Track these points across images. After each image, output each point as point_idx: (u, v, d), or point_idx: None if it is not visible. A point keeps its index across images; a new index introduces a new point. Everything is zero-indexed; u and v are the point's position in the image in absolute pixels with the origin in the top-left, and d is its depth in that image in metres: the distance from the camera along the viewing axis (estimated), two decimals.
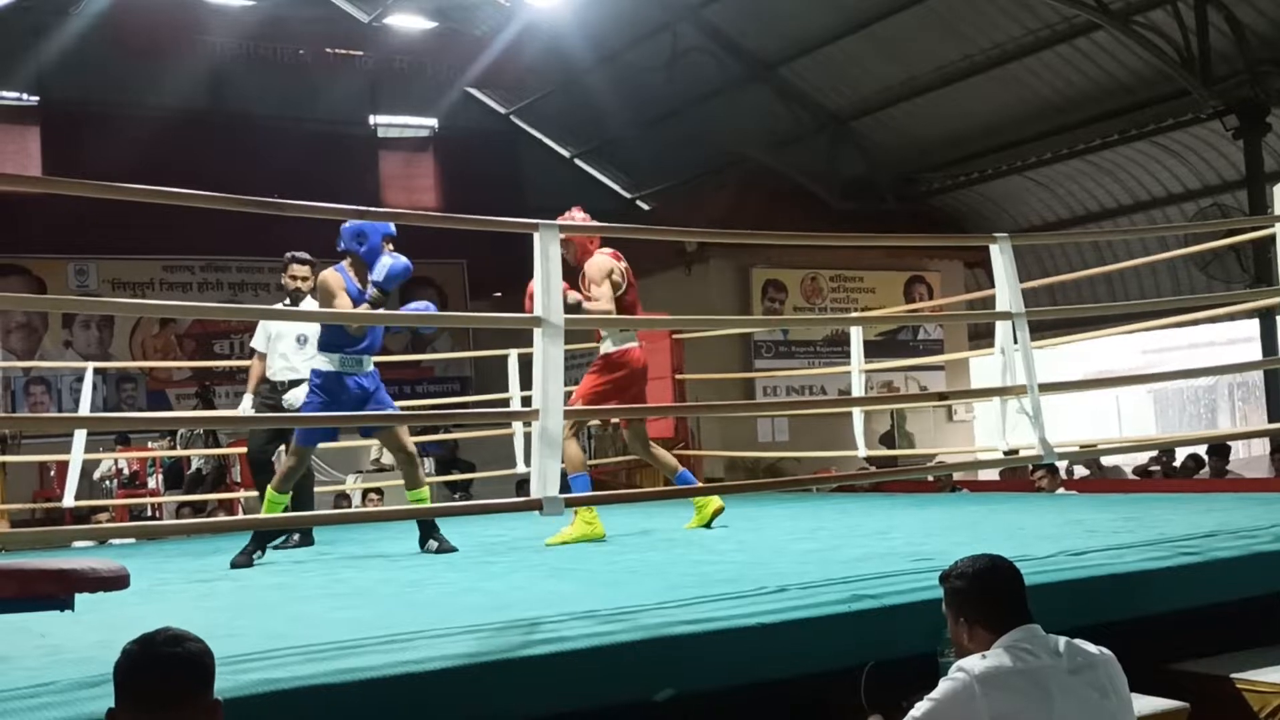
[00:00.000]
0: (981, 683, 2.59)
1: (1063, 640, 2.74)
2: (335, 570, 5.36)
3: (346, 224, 5.67)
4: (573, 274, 5.73)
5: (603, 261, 5.98)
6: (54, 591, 2.64)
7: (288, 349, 6.87)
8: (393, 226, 5.72)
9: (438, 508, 7.42)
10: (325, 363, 5.71)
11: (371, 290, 5.62)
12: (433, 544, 5.72)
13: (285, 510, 5.65)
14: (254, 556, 5.65)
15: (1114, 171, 14.20)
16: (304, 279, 6.79)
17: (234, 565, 5.54)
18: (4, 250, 15.66)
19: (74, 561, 2.80)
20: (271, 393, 6.86)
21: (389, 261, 5.60)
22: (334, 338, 5.70)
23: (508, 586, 4.36)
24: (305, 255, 6.90)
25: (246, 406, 6.97)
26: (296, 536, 6.59)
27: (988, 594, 2.77)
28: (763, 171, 15.73)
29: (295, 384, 6.72)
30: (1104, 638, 2.86)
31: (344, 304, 5.58)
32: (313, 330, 6.59)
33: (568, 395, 4.72)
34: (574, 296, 5.93)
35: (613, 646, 2.95)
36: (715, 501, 6.18)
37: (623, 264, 6.09)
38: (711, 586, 3.74)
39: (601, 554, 5.30)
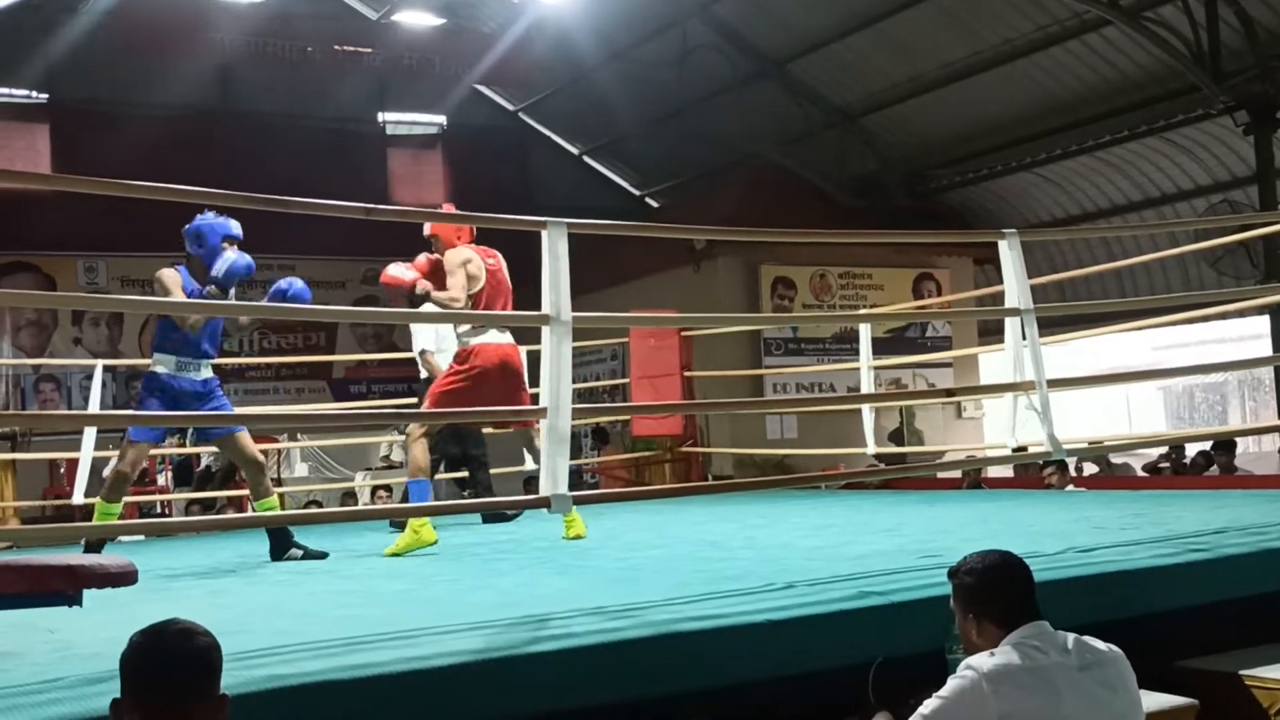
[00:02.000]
0: (990, 680, 2.59)
1: (1071, 637, 2.73)
2: (343, 567, 5.37)
3: (188, 225, 5.58)
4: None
5: (462, 254, 5.88)
6: (63, 587, 2.66)
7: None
8: (235, 227, 5.58)
9: (445, 505, 7.43)
10: (160, 365, 5.59)
11: (209, 287, 5.49)
12: (296, 552, 5.60)
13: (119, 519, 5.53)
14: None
15: (1124, 168, 14.16)
16: None
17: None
18: (14, 247, 15.70)
19: (83, 558, 2.81)
20: None
21: (231, 257, 5.47)
22: (166, 338, 5.57)
23: (515, 584, 4.36)
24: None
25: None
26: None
27: (997, 590, 2.76)
28: (772, 169, 15.71)
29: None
30: (1112, 634, 2.85)
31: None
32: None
33: (582, 393, 4.70)
34: (423, 286, 5.97)
35: (621, 643, 2.95)
36: (579, 526, 5.77)
37: (492, 261, 5.95)
38: (720, 583, 3.74)
39: (609, 551, 5.30)
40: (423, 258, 6.39)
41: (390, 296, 6.35)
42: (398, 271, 6.20)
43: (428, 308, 6.04)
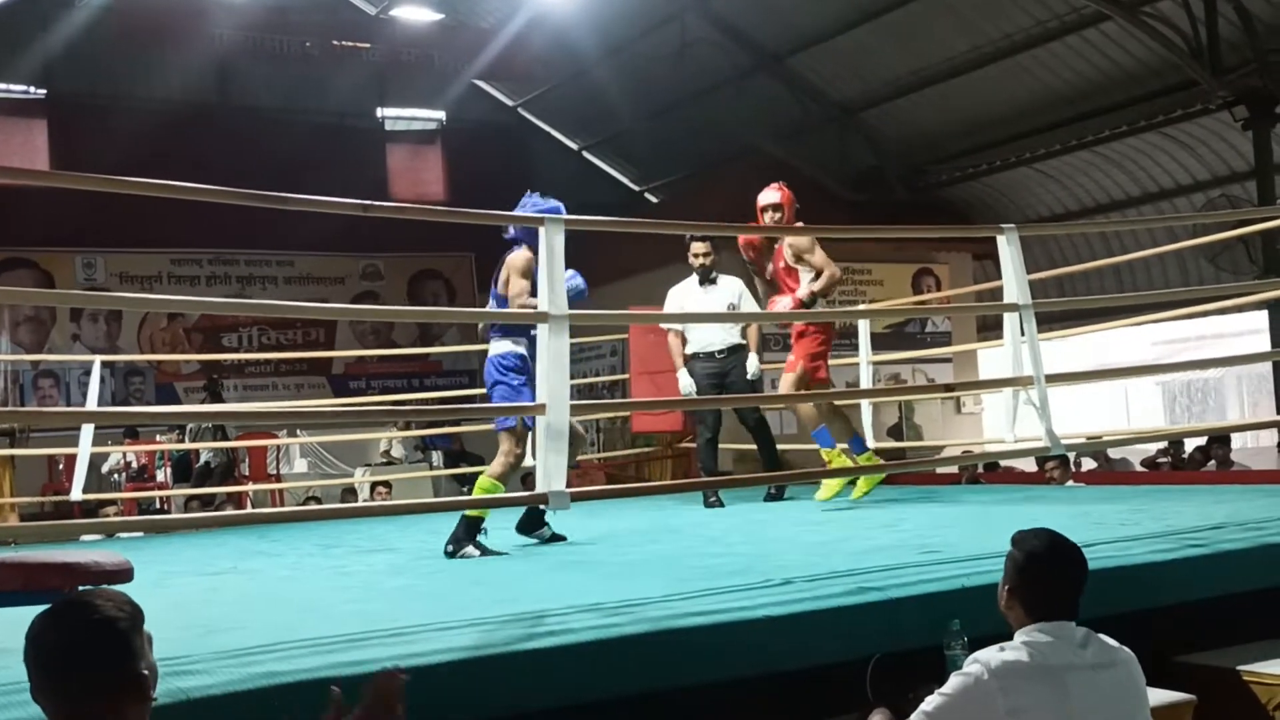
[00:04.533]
0: (998, 677, 2.57)
1: (1090, 635, 2.70)
2: (342, 563, 5.37)
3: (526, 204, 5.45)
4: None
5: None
6: (59, 584, 2.65)
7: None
8: (561, 209, 5.40)
9: (445, 501, 7.44)
10: (516, 345, 5.37)
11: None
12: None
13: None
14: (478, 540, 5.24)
15: (1122, 163, 14.15)
16: (705, 254, 7.27)
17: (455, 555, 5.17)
18: (11, 243, 15.67)
19: (79, 555, 2.81)
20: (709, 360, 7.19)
21: (577, 284, 5.19)
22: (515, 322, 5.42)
23: (513, 579, 4.36)
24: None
25: (687, 383, 7.25)
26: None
27: (1041, 579, 2.71)
28: (771, 163, 15.66)
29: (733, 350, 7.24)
30: (1112, 630, 2.85)
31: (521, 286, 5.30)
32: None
33: (573, 390, 4.69)
34: (808, 294, 6.38)
35: (619, 639, 2.95)
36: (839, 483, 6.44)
37: None
38: (718, 579, 3.74)
39: (608, 547, 5.30)
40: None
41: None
42: (786, 306, 6.47)
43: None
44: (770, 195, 6.59)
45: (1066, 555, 2.77)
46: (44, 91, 16.26)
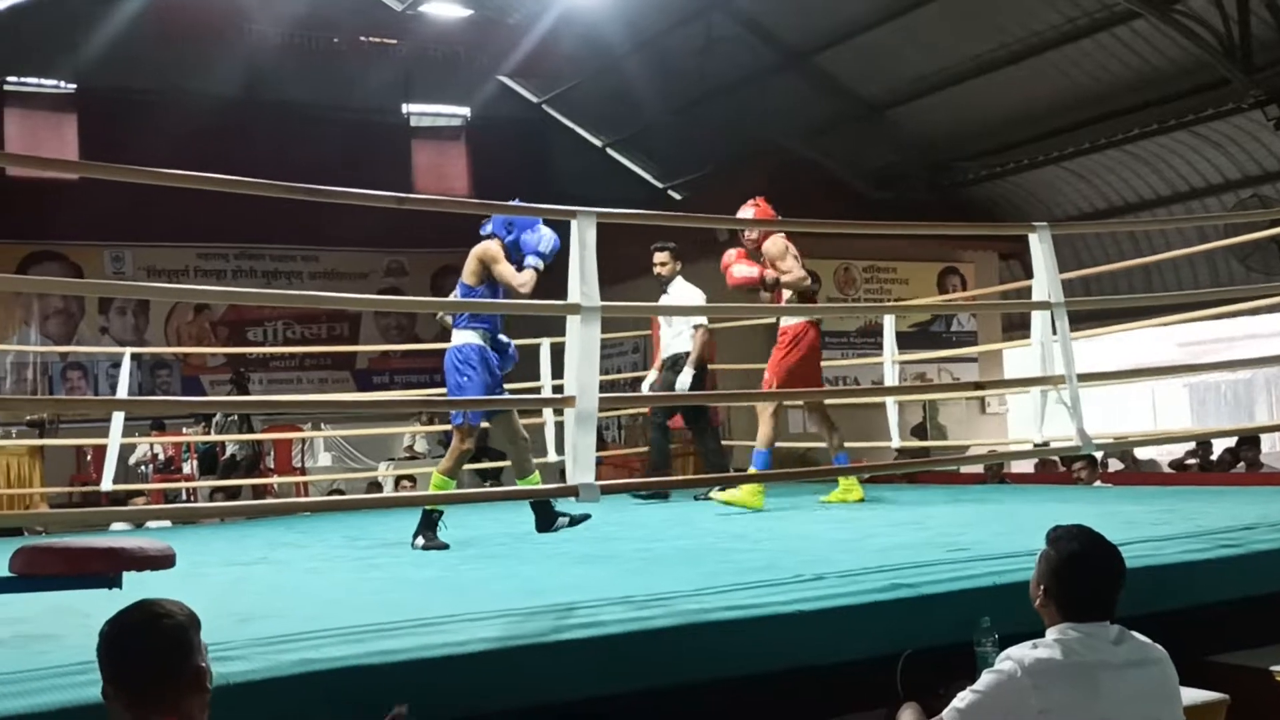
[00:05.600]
0: (1031, 674, 2.55)
1: (1125, 633, 2.68)
2: (368, 555, 5.40)
3: (500, 218, 5.52)
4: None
5: (781, 240, 6.57)
6: (103, 570, 2.68)
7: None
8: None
9: (473, 493, 7.46)
10: (476, 337, 5.49)
11: (535, 260, 5.42)
12: (563, 520, 5.61)
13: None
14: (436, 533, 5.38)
15: (1152, 162, 14.05)
16: (661, 264, 7.54)
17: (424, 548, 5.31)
18: (41, 237, 15.82)
19: (123, 541, 2.83)
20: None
21: (551, 235, 5.40)
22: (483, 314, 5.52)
23: (540, 572, 4.37)
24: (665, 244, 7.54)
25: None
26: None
27: (1076, 578, 2.69)
28: (796, 161, 15.65)
29: (673, 361, 7.48)
30: (1144, 629, 2.83)
31: (506, 271, 5.37)
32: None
33: (604, 385, 4.71)
34: (772, 275, 6.51)
35: (650, 632, 2.95)
36: (858, 491, 6.69)
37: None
38: (746, 574, 3.74)
39: (634, 542, 5.31)
40: (732, 253, 6.85)
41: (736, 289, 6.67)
42: (743, 271, 6.45)
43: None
44: (744, 212, 6.67)
45: (1106, 555, 2.75)
46: (74, 86, 16.38)
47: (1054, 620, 2.69)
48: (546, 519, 5.62)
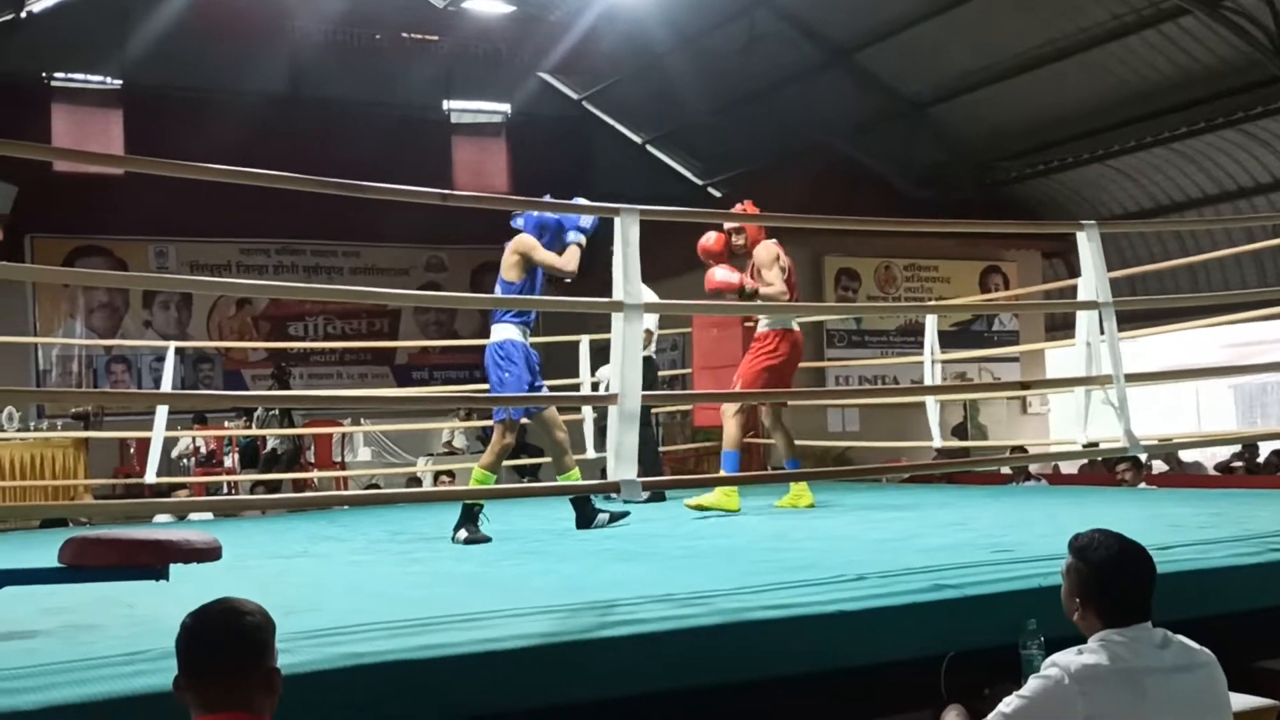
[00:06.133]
0: (1077, 680, 2.52)
1: (1170, 637, 2.65)
2: (409, 551, 5.42)
3: (531, 215, 5.60)
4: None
5: (773, 248, 6.36)
6: (151, 561, 2.71)
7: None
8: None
9: (513, 488, 7.48)
10: (516, 333, 5.54)
11: (576, 235, 5.51)
12: (603, 516, 5.72)
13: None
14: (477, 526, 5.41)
15: (1199, 160, 13.87)
16: None
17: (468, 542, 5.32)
18: (87, 231, 16.04)
19: (171, 533, 2.86)
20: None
21: (590, 218, 5.48)
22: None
23: (580, 570, 4.37)
24: None
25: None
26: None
27: (1111, 584, 2.65)
28: (838, 159, 15.58)
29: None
30: (1191, 633, 2.79)
31: (545, 256, 5.47)
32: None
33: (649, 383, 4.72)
34: (751, 285, 6.28)
35: (692, 630, 2.94)
36: (809, 497, 6.44)
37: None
38: (788, 573, 3.72)
39: (672, 539, 5.30)
40: (711, 236, 6.65)
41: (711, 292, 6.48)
42: (724, 276, 6.37)
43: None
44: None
45: (1137, 555, 2.71)
46: (120, 82, 16.57)
47: (1094, 629, 2.65)
48: (586, 516, 5.66)
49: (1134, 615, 2.64)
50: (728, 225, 6.49)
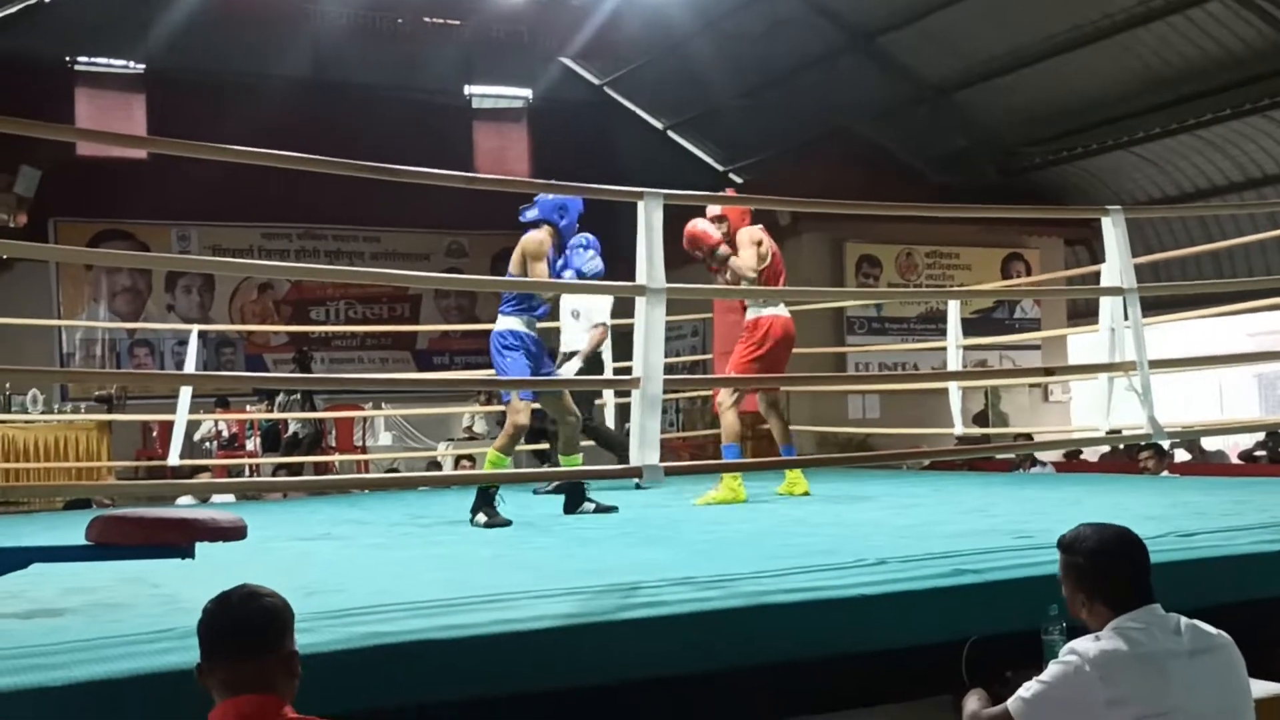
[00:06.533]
0: (1096, 666, 2.52)
1: (1184, 621, 2.65)
2: (431, 534, 5.45)
3: (548, 197, 5.66)
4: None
5: (754, 233, 6.35)
6: (177, 540, 2.73)
7: (566, 322, 7.46)
8: (582, 205, 5.72)
9: (530, 472, 7.51)
10: (517, 323, 5.65)
11: (568, 272, 5.79)
12: (588, 505, 5.81)
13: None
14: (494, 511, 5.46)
15: (1225, 147, 13.75)
16: None
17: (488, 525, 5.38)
18: (111, 216, 16.13)
19: (196, 512, 2.88)
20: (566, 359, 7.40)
21: (597, 262, 5.76)
22: (525, 300, 5.68)
23: (603, 553, 4.38)
24: None
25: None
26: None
27: (1110, 571, 2.66)
28: (860, 144, 15.50)
29: (569, 356, 7.31)
30: (1215, 620, 2.78)
31: (541, 270, 5.51)
32: (585, 305, 7.19)
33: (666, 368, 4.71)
34: (726, 250, 6.27)
35: (714, 613, 2.95)
36: (804, 484, 6.40)
37: (773, 242, 6.51)
38: (808, 557, 3.72)
39: (694, 524, 5.31)
40: (699, 221, 6.58)
41: (689, 249, 6.37)
42: (707, 227, 6.32)
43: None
44: (713, 209, 6.51)
45: (1126, 540, 2.73)
46: (143, 67, 16.62)
47: (1105, 619, 2.65)
48: (575, 501, 5.80)
49: (1139, 597, 2.65)
50: (710, 213, 6.45)
